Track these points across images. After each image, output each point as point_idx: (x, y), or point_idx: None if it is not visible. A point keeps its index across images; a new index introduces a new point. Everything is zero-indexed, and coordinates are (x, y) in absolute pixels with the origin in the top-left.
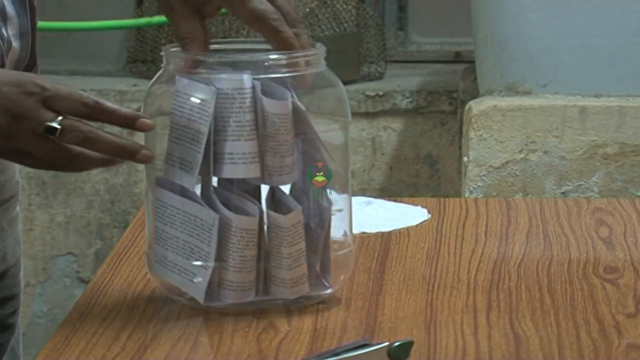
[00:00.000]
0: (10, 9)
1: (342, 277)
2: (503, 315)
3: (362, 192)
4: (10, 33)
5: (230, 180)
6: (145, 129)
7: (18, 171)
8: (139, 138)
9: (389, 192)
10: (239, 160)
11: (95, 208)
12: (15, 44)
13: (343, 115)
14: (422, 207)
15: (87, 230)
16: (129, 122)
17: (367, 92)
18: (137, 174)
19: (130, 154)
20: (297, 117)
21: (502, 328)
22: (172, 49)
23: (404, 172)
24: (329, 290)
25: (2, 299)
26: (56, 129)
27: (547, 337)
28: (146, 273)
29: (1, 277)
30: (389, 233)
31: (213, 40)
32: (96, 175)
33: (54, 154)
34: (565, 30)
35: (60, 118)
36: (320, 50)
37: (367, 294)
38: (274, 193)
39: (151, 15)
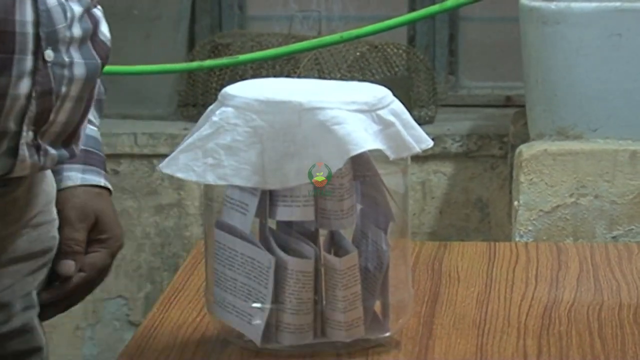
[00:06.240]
0: None
1: (400, 320)
2: None
3: (412, 237)
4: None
5: (289, 223)
6: None
7: (55, 227)
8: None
9: (438, 236)
10: (293, 203)
11: (145, 251)
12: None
13: (403, 159)
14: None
15: (137, 274)
16: None
17: None
18: (187, 217)
19: None
20: (358, 159)
21: None
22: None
23: (454, 216)
24: (387, 334)
25: (25, 352)
26: None
27: None
28: (196, 316)
29: (22, 331)
30: (439, 277)
31: None
32: (147, 218)
33: None
34: (616, 74)
35: None
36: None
37: (417, 338)
38: (332, 235)
39: (202, 59)
